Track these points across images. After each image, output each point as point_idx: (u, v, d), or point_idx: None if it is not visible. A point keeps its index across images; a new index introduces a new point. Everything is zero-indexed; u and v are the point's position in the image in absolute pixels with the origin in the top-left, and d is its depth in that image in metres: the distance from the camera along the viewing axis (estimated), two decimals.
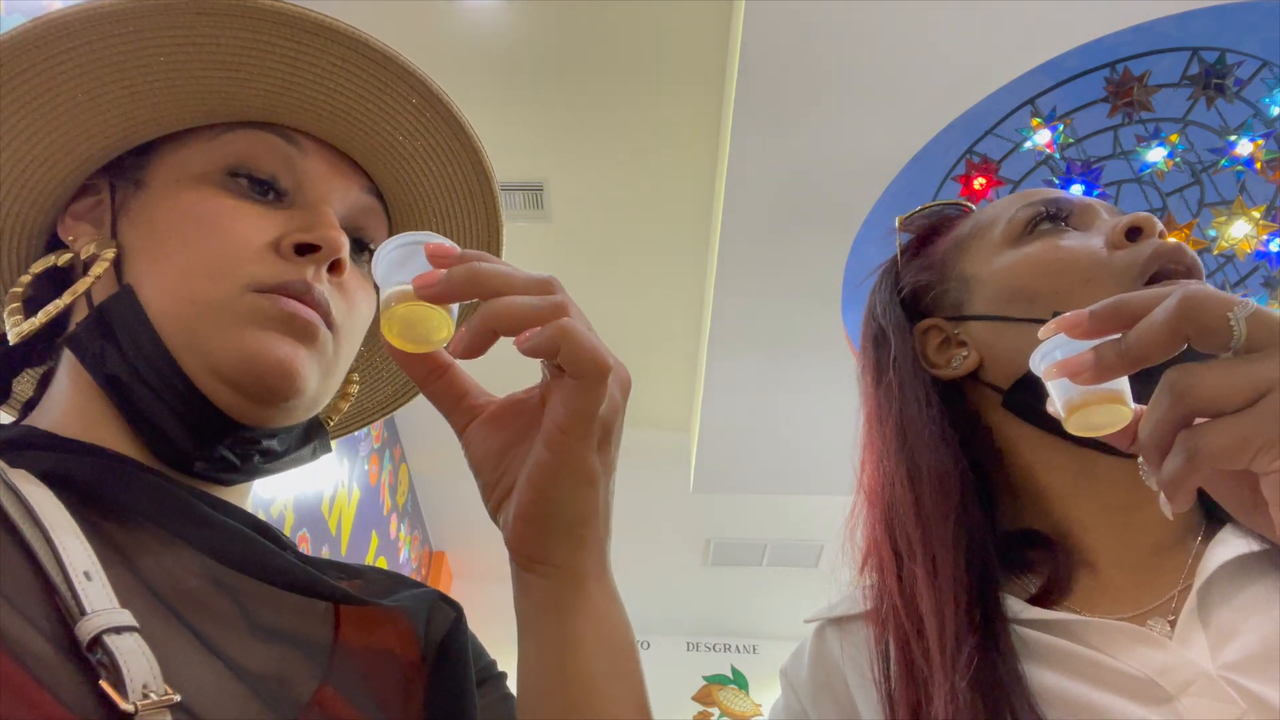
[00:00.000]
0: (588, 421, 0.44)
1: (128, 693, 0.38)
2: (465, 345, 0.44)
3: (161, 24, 0.53)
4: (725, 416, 4.17)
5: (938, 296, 0.76)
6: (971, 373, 0.72)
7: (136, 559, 0.47)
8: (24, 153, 0.56)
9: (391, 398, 0.75)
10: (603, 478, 0.47)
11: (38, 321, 0.54)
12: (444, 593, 0.61)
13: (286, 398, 0.54)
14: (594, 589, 0.47)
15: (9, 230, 0.59)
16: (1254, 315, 0.42)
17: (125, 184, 0.58)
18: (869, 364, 0.78)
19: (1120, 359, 0.45)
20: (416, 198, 0.65)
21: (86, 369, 0.53)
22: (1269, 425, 0.40)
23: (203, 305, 0.52)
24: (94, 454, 0.51)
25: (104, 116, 0.56)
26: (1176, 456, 0.43)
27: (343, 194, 0.60)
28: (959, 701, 0.58)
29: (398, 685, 0.52)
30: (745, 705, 5.89)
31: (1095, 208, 0.73)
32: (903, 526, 0.68)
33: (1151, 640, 0.58)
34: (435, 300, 0.44)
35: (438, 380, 0.49)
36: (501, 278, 0.44)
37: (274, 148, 0.58)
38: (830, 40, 2.67)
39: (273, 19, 0.55)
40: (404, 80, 0.58)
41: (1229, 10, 2.54)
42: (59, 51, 0.53)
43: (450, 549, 5.63)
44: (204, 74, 0.56)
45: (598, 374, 0.43)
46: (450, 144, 0.62)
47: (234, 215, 0.55)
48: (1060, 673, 0.59)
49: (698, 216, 3.65)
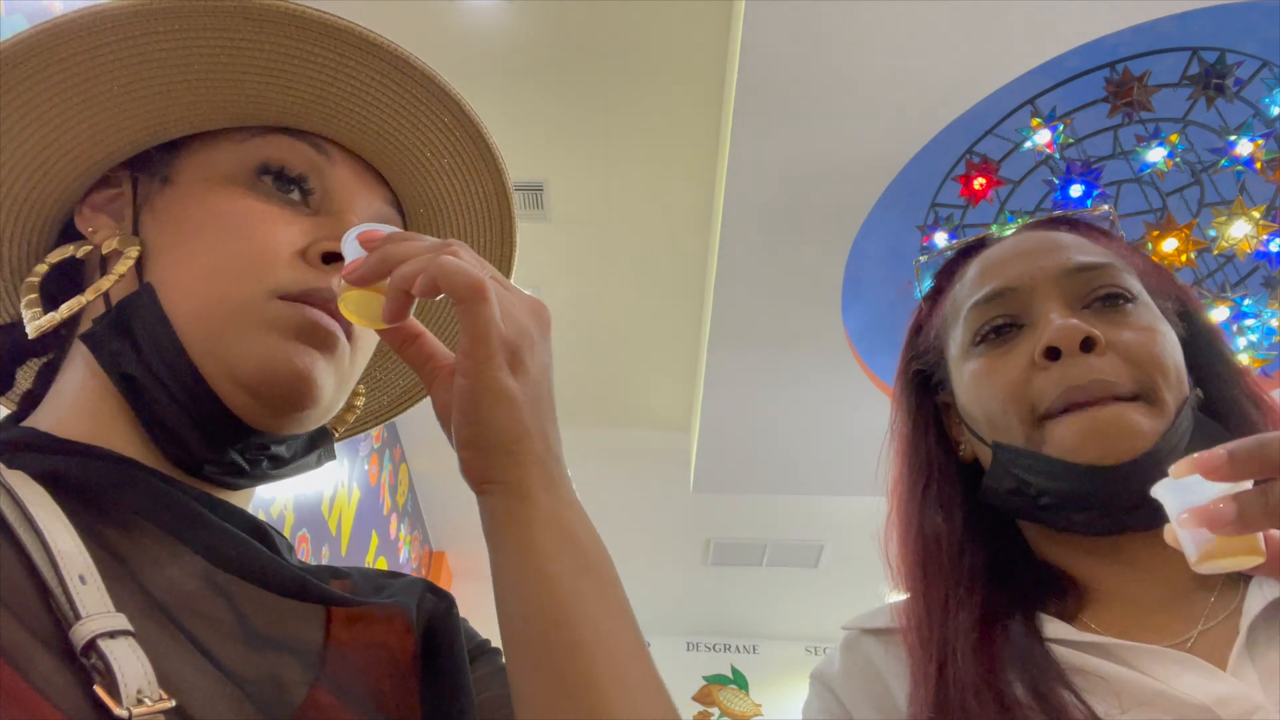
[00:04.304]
0: (485, 343, 0.47)
1: (122, 697, 0.38)
2: (388, 311, 0.49)
3: (207, 25, 0.54)
4: (725, 416, 4.17)
5: (941, 380, 0.78)
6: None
7: (132, 563, 0.47)
8: (51, 140, 0.55)
9: (389, 406, 0.75)
10: (523, 397, 0.48)
11: (59, 316, 0.54)
12: (433, 583, 0.61)
13: (303, 407, 0.54)
14: (542, 499, 0.48)
15: (25, 216, 0.58)
16: None
17: (150, 179, 0.58)
18: (897, 415, 0.81)
19: (1266, 515, 0.42)
20: (435, 213, 0.66)
21: (102, 367, 0.53)
22: None
23: (227, 308, 0.52)
24: (93, 456, 0.50)
25: (138, 111, 0.56)
26: None
27: (367, 204, 0.61)
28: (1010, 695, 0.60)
29: (391, 682, 0.52)
30: (745, 705, 5.89)
31: (1048, 293, 0.69)
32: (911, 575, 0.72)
33: (1204, 670, 0.58)
34: (359, 283, 0.50)
35: (409, 347, 0.54)
36: (405, 249, 0.49)
37: (304, 154, 0.58)
38: (830, 41, 2.67)
39: (317, 29, 0.55)
40: (438, 99, 0.60)
41: (1229, 10, 2.54)
42: (101, 44, 0.53)
43: (450, 549, 5.64)
44: (243, 78, 0.56)
45: (472, 294, 0.46)
46: (475, 164, 0.64)
47: (262, 218, 0.55)
48: (1104, 695, 0.59)
49: (698, 216, 3.65)
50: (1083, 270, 0.69)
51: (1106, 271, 0.69)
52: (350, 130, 0.60)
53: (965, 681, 0.62)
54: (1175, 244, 2.69)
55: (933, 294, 0.81)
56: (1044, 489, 0.66)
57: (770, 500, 4.84)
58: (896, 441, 0.80)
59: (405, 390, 0.75)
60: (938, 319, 0.79)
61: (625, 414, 4.72)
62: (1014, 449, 0.67)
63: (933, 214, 3.08)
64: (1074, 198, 2.83)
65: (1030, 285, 0.70)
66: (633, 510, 5.08)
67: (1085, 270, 0.69)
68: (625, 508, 5.05)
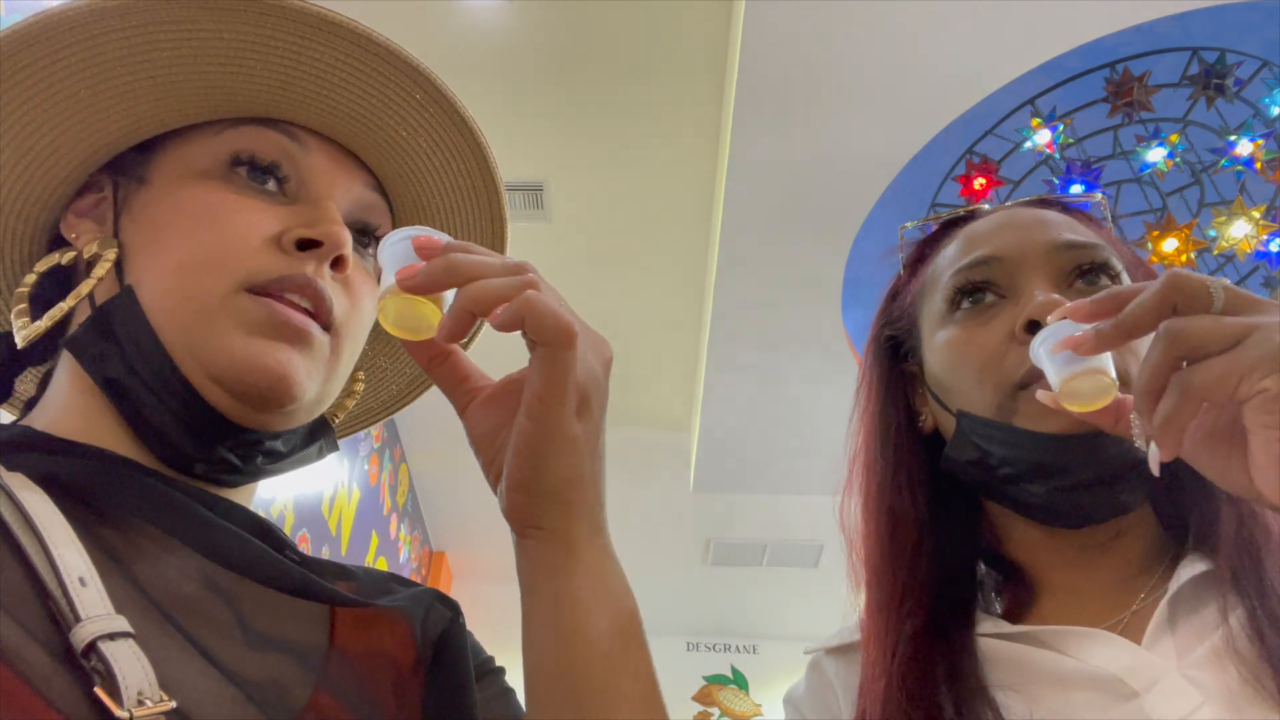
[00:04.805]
0: (561, 388, 0.46)
1: (123, 699, 0.38)
2: (448, 330, 0.47)
3: (165, 18, 0.53)
4: (725, 416, 4.17)
5: (912, 348, 0.78)
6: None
7: (132, 564, 0.47)
8: (27, 148, 0.55)
9: (395, 397, 0.74)
10: (585, 444, 0.48)
11: (43, 325, 0.54)
12: (442, 592, 0.60)
13: (282, 404, 0.53)
14: (586, 551, 0.48)
15: (12, 227, 0.58)
16: (1228, 287, 0.49)
17: (128, 181, 0.57)
18: (864, 383, 0.81)
19: (1116, 328, 0.51)
20: (420, 194, 0.64)
21: (86, 371, 0.53)
22: (1250, 356, 0.46)
23: (196, 305, 0.52)
24: (92, 456, 0.50)
25: (107, 112, 0.56)
26: (1171, 396, 0.49)
27: (345, 189, 0.60)
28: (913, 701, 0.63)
29: (393, 687, 0.52)
30: (745, 705, 5.89)
31: (1035, 266, 0.69)
32: (869, 560, 0.74)
33: (1118, 644, 0.62)
34: (416, 291, 0.47)
35: (440, 365, 0.52)
36: (476, 264, 0.47)
37: (276, 143, 0.58)
38: (830, 40, 2.67)
39: (275, 14, 0.54)
40: (407, 75, 0.58)
41: (1229, 10, 2.54)
42: (62, 46, 0.52)
43: (450, 549, 5.63)
44: (206, 69, 0.56)
45: (562, 339, 0.45)
46: (454, 140, 0.62)
47: (234, 209, 0.54)
48: (1028, 677, 0.63)
49: (698, 216, 3.65)
50: (1071, 247, 0.69)
51: (1093, 250, 0.69)
52: (321, 115, 0.59)
53: (901, 697, 0.64)
54: (1175, 244, 2.69)
55: (913, 262, 0.81)
56: (1004, 459, 0.66)
57: (770, 500, 4.84)
58: (863, 409, 0.80)
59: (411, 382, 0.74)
60: (915, 286, 0.79)
61: (625, 414, 4.72)
62: (978, 418, 0.67)
63: (933, 214, 3.07)
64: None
65: (1017, 256, 0.70)
66: (633, 510, 5.07)
67: (1073, 247, 0.69)
68: (625, 507, 5.04)
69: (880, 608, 0.70)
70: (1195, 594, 0.62)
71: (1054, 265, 0.69)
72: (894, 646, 0.67)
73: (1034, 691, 0.62)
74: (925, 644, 0.66)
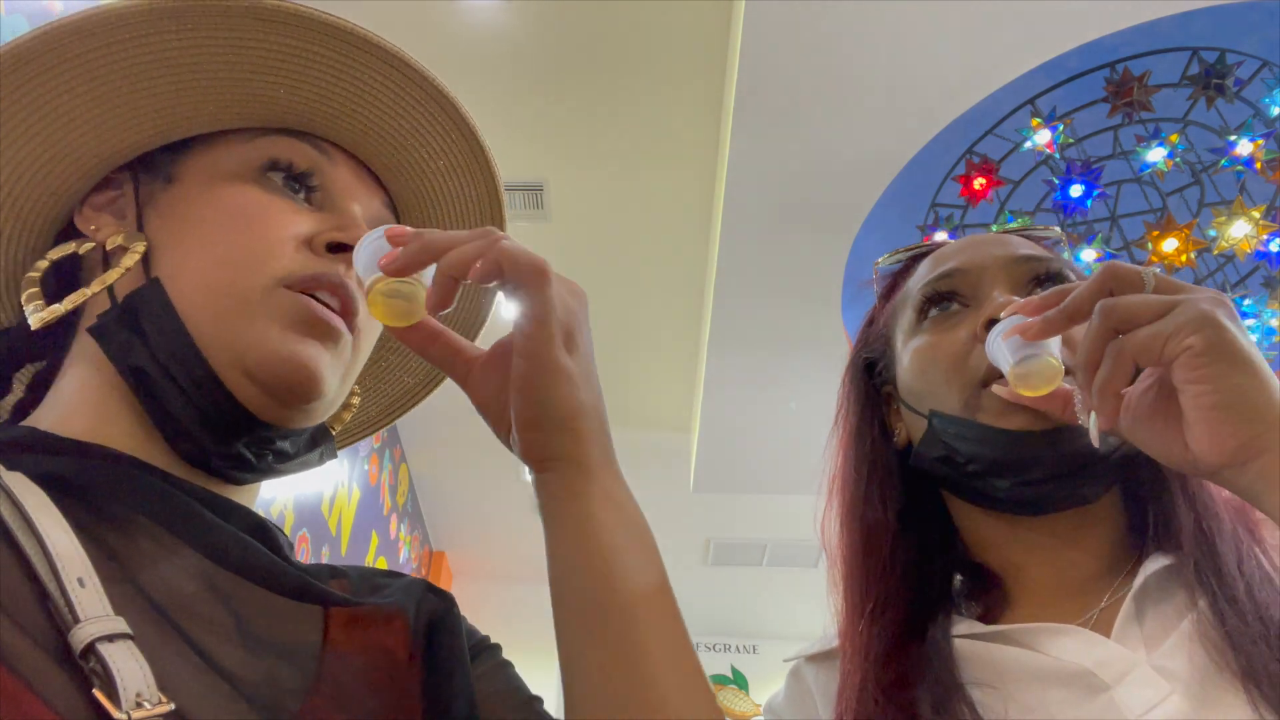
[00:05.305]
0: (546, 323, 0.48)
1: (121, 701, 0.38)
2: (435, 299, 0.50)
3: (217, 25, 0.55)
4: (725, 416, 4.17)
5: (886, 367, 0.83)
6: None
7: (132, 565, 0.47)
8: (59, 137, 0.56)
9: (387, 409, 0.76)
10: (579, 376, 0.50)
11: (62, 308, 0.54)
12: (433, 584, 0.61)
13: (309, 399, 0.55)
14: (602, 475, 0.51)
15: (26, 215, 0.59)
16: (1159, 275, 0.56)
17: (152, 178, 0.58)
18: (842, 404, 0.87)
19: (1060, 313, 0.58)
20: (430, 214, 0.67)
21: (111, 359, 0.53)
22: (1176, 319, 0.52)
23: (234, 297, 0.53)
24: (92, 455, 0.50)
25: (147, 109, 0.57)
26: (1106, 363, 0.55)
27: (366, 204, 0.62)
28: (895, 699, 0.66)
29: (390, 684, 0.52)
30: (745, 705, 5.90)
31: (995, 276, 0.74)
32: (845, 569, 0.78)
33: (1089, 638, 0.64)
34: (400, 272, 0.50)
35: (434, 345, 0.55)
36: (447, 237, 0.51)
37: (307, 154, 0.60)
38: (830, 40, 2.67)
39: (321, 30, 0.57)
40: (437, 101, 0.61)
41: (1229, 10, 2.54)
42: (115, 41, 0.54)
43: (450, 549, 5.63)
44: (250, 76, 0.58)
45: (537, 276, 0.48)
46: (470, 165, 0.65)
47: (268, 209, 0.56)
48: (1003, 675, 0.65)
49: (698, 216, 3.65)
50: (1029, 259, 0.75)
51: (1048, 261, 0.75)
52: (352, 130, 0.61)
53: (879, 695, 0.67)
54: (1175, 244, 2.70)
55: (886, 292, 0.86)
56: (971, 455, 0.69)
57: (770, 500, 4.84)
58: (841, 430, 0.85)
59: (404, 394, 0.75)
60: (888, 310, 0.84)
61: (625, 414, 4.72)
62: (948, 416, 0.71)
63: (933, 214, 3.08)
64: (1074, 198, 2.84)
65: (979, 268, 0.75)
66: None
67: (1030, 259, 0.75)
68: None
69: (857, 612, 0.73)
70: (1160, 587, 0.65)
71: (1013, 275, 0.74)
72: (871, 647, 0.70)
73: (1009, 688, 0.64)
74: (901, 643, 0.69)
